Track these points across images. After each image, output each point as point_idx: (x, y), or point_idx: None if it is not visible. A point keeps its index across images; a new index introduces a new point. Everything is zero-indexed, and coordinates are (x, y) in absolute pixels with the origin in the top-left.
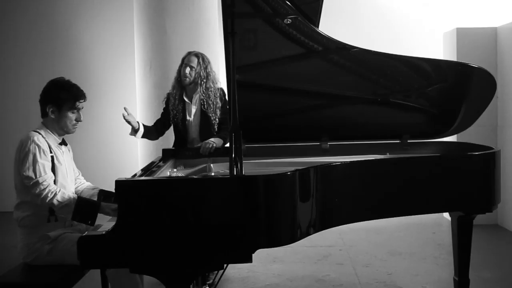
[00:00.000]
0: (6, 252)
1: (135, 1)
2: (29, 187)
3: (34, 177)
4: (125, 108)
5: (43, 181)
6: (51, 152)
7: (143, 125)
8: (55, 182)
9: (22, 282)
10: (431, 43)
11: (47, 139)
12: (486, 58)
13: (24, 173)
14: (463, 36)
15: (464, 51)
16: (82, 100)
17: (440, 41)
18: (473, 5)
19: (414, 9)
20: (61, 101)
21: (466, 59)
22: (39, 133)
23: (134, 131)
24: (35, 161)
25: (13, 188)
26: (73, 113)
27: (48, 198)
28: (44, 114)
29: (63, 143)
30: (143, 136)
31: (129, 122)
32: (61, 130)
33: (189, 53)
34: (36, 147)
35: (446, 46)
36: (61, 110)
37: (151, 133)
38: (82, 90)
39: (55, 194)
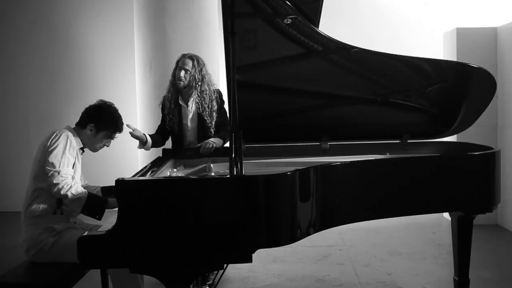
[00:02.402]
0: (7, 252)
1: (135, 1)
2: (48, 175)
3: (57, 167)
4: (128, 125)
5: (64, 173)
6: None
7: (149, 135)
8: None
9: (23, 281)
10: (431, 43)
11: (75, 141)
12: (486, 58)
13: (50, 160)
14: (463, 36)
15: (464, 51)
16: (119, 133)
17: (440, 41)
18: (473, 5)
19: (414, 9)
20: (105, 126)
21: (466, 59)
22: (71, 133)
23: (143, 144)
24: (63, 153)
25: (13, 188)
26: (106, 139)
27: (64, 190)
28: (82, 126)
29: (82, 149)
30: (152, 146)
31: (136, 137)
32: (86, 145)
33: (184, 56)
34: (69, 141)
35: (446, 46)
36: (99, 133)
37: (158, 141)
38: (123, 124)
39: (71, 187)
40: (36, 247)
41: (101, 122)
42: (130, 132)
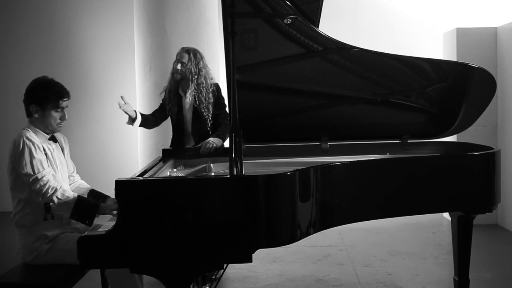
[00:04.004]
0: (6, 252)
1: (135, 1)
2: (29, 184)
3: (33, 174)
4: (122, 97)
5: (42, 177)
6: (44, 150)
7: (141, 114)
8: None
9: (22, 282)
10: (431, 43)
11: (37, 137)
12: (486, 58)
13: (23, 171)
14: (463, 36)
15: (464, 51)
16: (66, 99)
17: (440, 41)
18: (473, 5)
19: (414, 9)
20: (45, 100)
21: (466, 59)
22: (29, 131)
23: (132, 120)
24: (32, 157)
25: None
26: (57, 112)
27: (49, 194)
28: (28, 114)
29: (52, 139)
30: (140, 125)
31: (125, 112)
32: (46, 129)
33: (182, 49)
34: (31, 143)
35: (446, 46)
36: (45, 109)
37: (149, 122)
38: (65, 89)
39: (56, 190)
40: (31, 255)
41: (39, 98)
42: (119, 103)
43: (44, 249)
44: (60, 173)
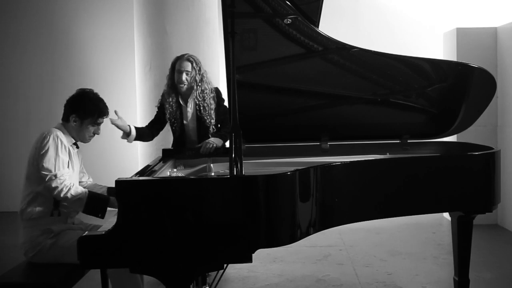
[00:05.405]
0: (7, 252)
1: (135, 1)
2: (46, 179)
3: (53, 170)
4: (115, 112)
5: (61, 176)
6: (68, 151)
7: (136, 128)
8: None
9: (22, 281)
10: (431, 43)
11: (65, 138)
12: (486, 58)
13: (44, 165)
14: (463, 36)
15: (464, 51)
16: (105, 117)
17: (440, 41)
18: (473, 5)
19: (414, 9)
20: (86, 114)
21: (466, 59)
22: (59, 131)
23: (126, 135)
24: (56, 155)
25: (13, 188)
26: (93, 126)
27: (63, 192)
28: (66, 119)
29: (76, 144)
30: (136, 139)
31: (117, 127)
32: (78, 138)
33: (180, 58)
34: (59, 141)
35: (446, 46)
36: (83, 122)
37: (145, 135)
38: (107, 107)
39: (70, 189)
40: (34, 249)
41: (81, 110)
42: (110, 119)
43: (47, 244)
44: (76, 176)
